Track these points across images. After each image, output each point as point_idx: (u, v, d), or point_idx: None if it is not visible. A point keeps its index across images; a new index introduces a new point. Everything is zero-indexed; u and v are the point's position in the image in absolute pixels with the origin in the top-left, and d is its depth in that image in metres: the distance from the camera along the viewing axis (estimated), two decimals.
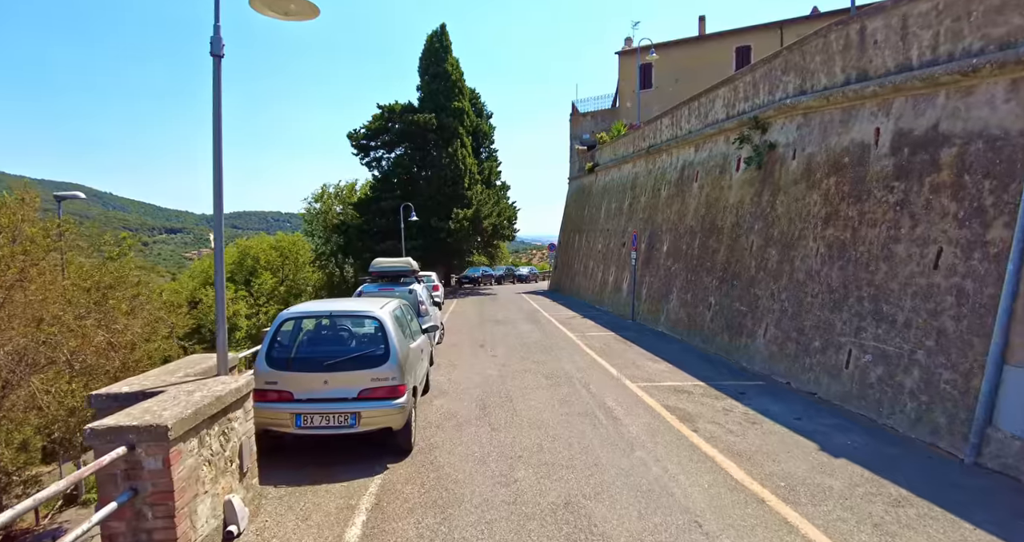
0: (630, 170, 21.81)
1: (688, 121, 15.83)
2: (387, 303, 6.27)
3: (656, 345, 12.63)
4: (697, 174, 14.72)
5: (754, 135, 11.63)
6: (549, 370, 9.97)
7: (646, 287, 16.96)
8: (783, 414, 7.28)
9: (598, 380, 9.21)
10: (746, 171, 11.86)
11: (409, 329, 6.79)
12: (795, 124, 10.24)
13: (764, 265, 10.47)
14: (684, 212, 15.11)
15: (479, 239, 35.42)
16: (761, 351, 9.94)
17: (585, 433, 6.48)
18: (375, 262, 11.05)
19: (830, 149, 9.02)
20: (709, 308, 12.41)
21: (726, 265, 12.03)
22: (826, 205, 8.87)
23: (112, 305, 14.12)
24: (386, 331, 5.64)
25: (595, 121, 38.76)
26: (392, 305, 6.31)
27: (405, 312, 6.98)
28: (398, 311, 6.66)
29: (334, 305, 6.02)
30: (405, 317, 6.83)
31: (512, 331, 15.19)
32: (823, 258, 8.70)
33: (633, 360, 10.89)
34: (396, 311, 6.43)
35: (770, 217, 10.60)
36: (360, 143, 33.81)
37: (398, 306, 6.64)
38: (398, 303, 6.75)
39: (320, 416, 5.43)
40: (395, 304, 6.50)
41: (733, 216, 12.17)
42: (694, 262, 13.78)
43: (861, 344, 7.50)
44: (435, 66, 33.07)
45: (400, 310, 6.75)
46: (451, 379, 9.32)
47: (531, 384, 8.90)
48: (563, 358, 11.13)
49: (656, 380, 9.24)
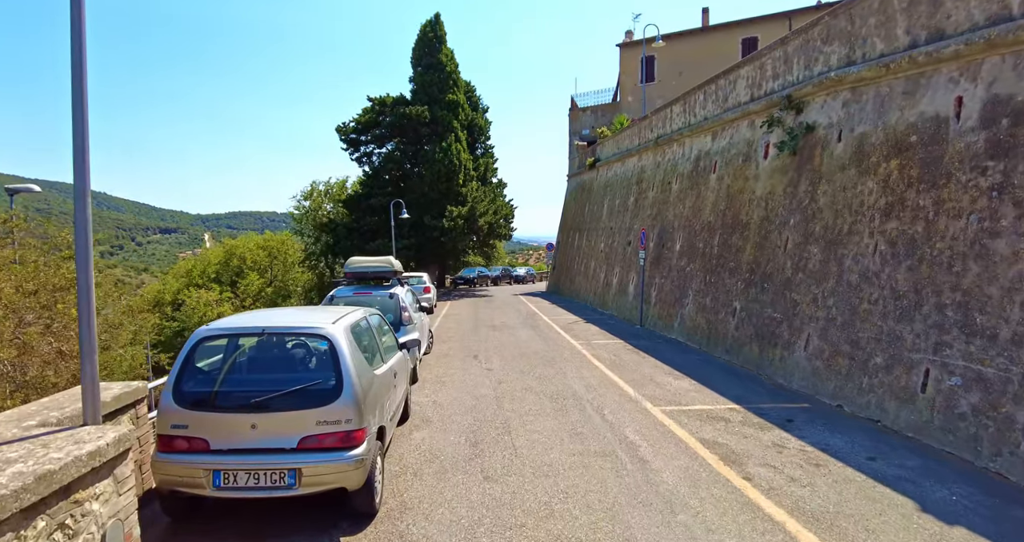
0: (635, 164, 20.34)
1: (704, 107, 14.37)
2: (346, 315, 4.75)
3: (673, 356, 11.14)
4: (715, 164, 13.25)
5: (786, 117, 10.17)
6: (554, 389, 8.47)
7: (656, 289, 15.49)
8: (850, 451, 5.81)
9: (613, 402, 7.72)
10: (777, 158, 10.39)
11: (378, 348, 5.28)
12: (840, 101, 8.78)
13: (803, 265, 9.00)
14: (700, 207, 13.64)
15: (474, 238, 33.90)
16: (802, 366, 8.47)
17: (607, 483, 4.98)
18: (349, 262, 9.52)
19: (890, 127, 7.56)
20: (733, 314, 10.94)
21: (754, 265, 10.57)
22: (886, 193, 7.40)
23: (60, 309, 12.55)
24: (339, 355, 4.13)
25: (595, 116, 37.34)
26: (351, 318, 4.79)
27: (373, 325, 5.45)
28: (363, 323, 5.16)
29: (271, 318, 4.51)
30: (372, 332, 5.31)
31: (509, 338, 13.69)
32: (884, 257, 7.24)
33: (650, 375, 9.40)
34: (358, 325, 4.92)
35: (809, 210, 9.13)
36: (350, 138, 32.25)
37: (361, 318, 5.12)
38: (362, 314, 5.23)
39: (247, 473, 3.92)
40: (356, 316, 4.97)
41: (761, 210, 10.70)
42: (713, 262, 12.31)
43: (944, 363, 6.03)
44: (428, 57, 31.56)
45: (366, 322, 5.24)
46: (437, 401, 7.81)
47: (533, 408, 7.40)
48: (568, 372, 9.64)
49: (682, 402, 7.75)
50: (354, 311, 5.09)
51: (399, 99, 31.87)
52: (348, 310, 5.08)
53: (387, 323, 6.25)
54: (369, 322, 5.33)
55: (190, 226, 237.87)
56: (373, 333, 5.28)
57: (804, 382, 8.35)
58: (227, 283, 40.12)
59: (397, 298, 8.87)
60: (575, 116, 37.92)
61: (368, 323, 5.29)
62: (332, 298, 8.91)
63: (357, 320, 4.94)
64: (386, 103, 31.57)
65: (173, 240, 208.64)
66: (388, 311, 8.77)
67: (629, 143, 21.40)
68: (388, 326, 6.25)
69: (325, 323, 4.31)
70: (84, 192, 3.24)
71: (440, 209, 30.23)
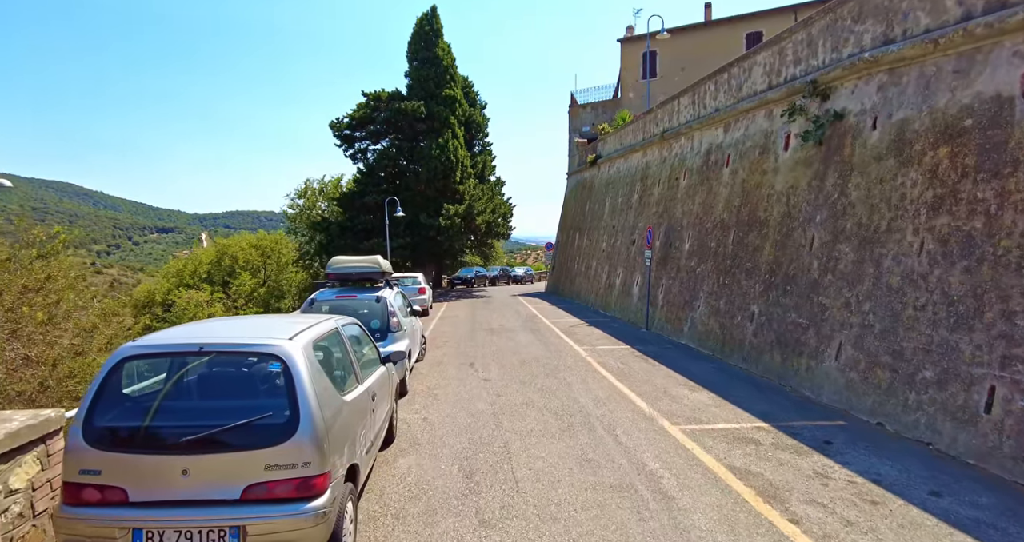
0: (639, 160, 19.51)
1: (715, 97, 13.53)
2: (309, 327, 3.87)
3: (685, 364, 10.30)
4: (728, 158, 12.42)
5: (810, 104, 9.34)
6: (559, 403, 7.62)
7: (663, 291, 14.65)
8: (907, 483, 4.97)
9: (625, 419, 6.87)
10: (800, 149, 9.56)
11: (353, 365, 4.40)
12: (874, 84, 7.95)
13: (832, 266, 8.17)
14: (711, 203, 12.81)
15: (472, 237, 32.99)
16: (833, 377, 7.64)
17: (628, 530, 4.13)
18: (332, 261, 8.64)
19: (937, 111, 6.72)
20: (751, 319, 10.10)
21: (774, 266, 9.73)
22: (934, 185, 6.57)
23: (26, 312, 11.67)
24: (295, 379, 3.27)
25: (595, 113, 36.54)
26: (317, 331, 3.91)
27: (348, 338, 4.57)
28: (333, 336, 4.29)
29: (214, 332, 3.65)
30: (346, 346, 4.43)
31: (508, 343, 12.84)
32: (932, 257, 6.41)
33: (663, 387, 8.56)
34: (326, 339, 4.07)
35: (839, 205, 8.30)
36: (343, 134, 31.34)
37: (331, 331, 4.24)
38: (333, 325, 4.35)
39: (176, 531, 3.06)
40: (323, 328, 4.08)
41: (782, 205, 9.87)
42: (727, 262, 11.48)
43: (1015, 380, 5.20)
44: (425, 51, 30.65)
45: (337, 334, 4.37)
46: (428, 418, 6.95)
47: (536, 428, 6.54)
48: (574, 383, 8.79)
49: (702, 419, 6.90)
50: (322, 321, 4.21)
51: (394, 94, 30.98)
52: (315, 320, 4.20)
53: (367, 333, 5.37)
54: (342, 334, 4.45)
55: (187, 226, 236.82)
56: (346, 347, 4.40)
57: (836, 395, 7.51)
58: (219, 283, 39.18)
59: (384, 302, 8.01)
60: (575, 113, 37.10)
61: (341, 335, 4.41)
62: (312, 302, 8.04)
63: (325, 333, 4.07)
64: (381, 98, 30.67)
65: (170, 240, 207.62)
66: (375, 316, 7.92)
67: (632, 138, 20.56)
68: (368, 337, 5.37)
69: (280, 338, 3.45)
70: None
71: (436, 207, 29.35)
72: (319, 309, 8.05)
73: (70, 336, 12.82)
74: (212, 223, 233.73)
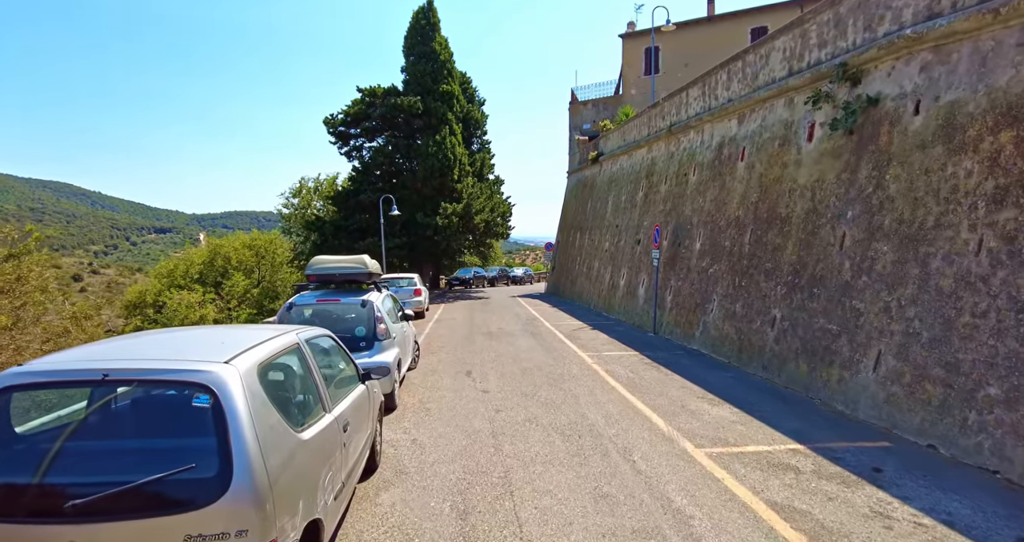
0: (644, 156, 18.72)
1: (727, 87, 12.73)
2: (257, 345, 3.01)
3: (700, 373, 9.50)
4: (743, 151, 11.62)
5: (839, 90, 8.55)
6: (565, 420, 6.80)
7: (671, 293, 13.85)
8: (987, 527, 4.17)
9: (642, 441, 6.06)
10: (827, 139, 8.77)
11: (318, 390, 3.56)
12: (916, 64, 7.15)
13: (867, 266, 7.37)
14: (725, 200, 12.01)
15: (470, 237, 32.17)
16: (871, 391, 6.84)
17: None
18: (313, 261, 7.81)
19: (997, 90, 5.93)
20: (772, 324, 9.30)
21: (798, 266, 8.94)
22: (995, 175, 5.77)
23: None
24: (229, 417, 2.45)
25: (596, 110, 35.74)
26: (265, 350, 3.04)
27: (313, 355, 3.71)
28: (293, 355, 3.46)
29: (128, 352, 2.84)
30: (310, 367, 3.58)
31: (508, 349, 12.03)
32: (995, 256, 5.61)
33: (679, 400, 7.75)
34: (281, 360, 3.24)
35: (875, 199, 7.50)
36: (338, 130, 30.51)
37: (288, 348, 3.39)
38: (292, 340, 3.50)
39: None
40: (276, 346, 3.22)
41: (806, 201, 9.07)
42: (744, 262, 10.68)
43: None
44: (421, 45, 29.85)
45: (298, 352, 3.52)
46: (417, 440, 6.13)
47: (541, 452, 5.73)
48: (581, 395, 7.98)
49: (730, 440, 6.10)
50: (278, 335, 3.38)
51: (390, 90, 30.15)
52: (271, 333, 3.37)
53: (342, 347, 4.53)
54: (305, 351, 3.60)
55: (185, 226, 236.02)
56: (310, 368, 3.56)
57: (875, 411, 6.71)
58: (211, 284, 38.29)
59: (371, 307, 7.18)
60: (575, 110, 36.30)
61: (304, 352, 3.57)
62: (291, 307, 7.21)
63: (280, 351, 3.23)
64: (377, 94, 29.84)
65: (168, 240, 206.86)
66: (360, 323, 7.10)
67: (637, 134, 19.77)
68: (342, 351, 4.53)
69: (212, 362, 2.62)
70: None
71: (434, 206, 28.54)
72: (298, 315, 7.24)
73: (39, 342, 12.00)
74: (211, 223, 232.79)
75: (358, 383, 4.53)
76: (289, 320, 7.15)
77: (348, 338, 7.01)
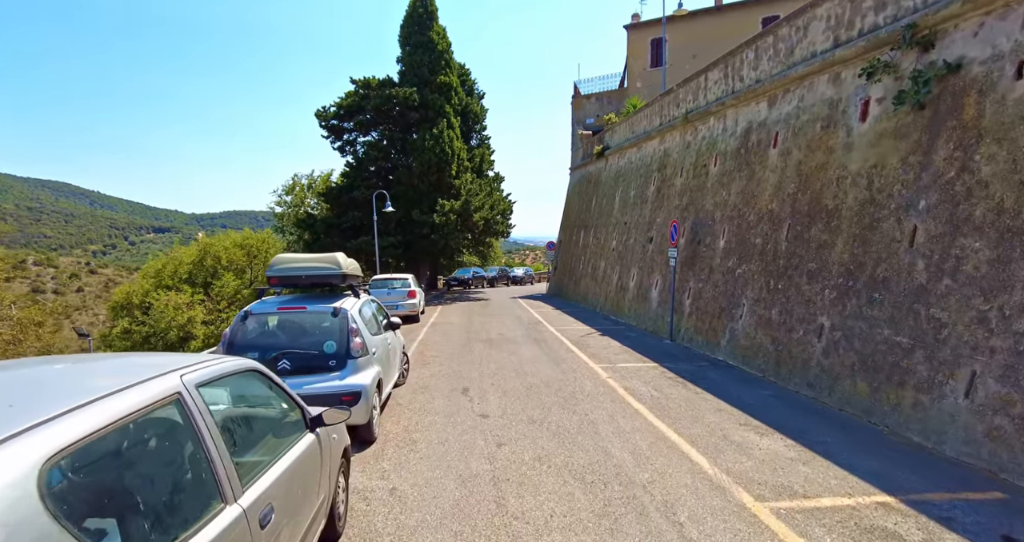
0: (656, 147, 17.38)
1: (755, 67, 11.39)
2: (61, 417, 1.63)
3: (733, 390, 8.17)
4: (776, 137, 10.29)
5: (903, 58, 7.22)
6: (585, 460, 5.46)
7: (691, 296, 12.51)
8: None
9: (686, 491, 4.72)
10: (888, 117, 7.43)
11: (212, 471, 2.19)
12: (1016, 19, 5.81)
13: (951, 267, 6.04)
14: (754, 192, 10.67)
15: (469, 236, 30.79)
16: (962, 422, 5.50)
17: None
18: (275, 260, 6.44)
19: None
20: (819, 334, 7.97)
21: (852, 267, 7.60)
22: None
23: None
24: None
25: (600, 103, 34.41)
26: (72, 429, 1.59)
27: (203, 416, 2.21)
28: (164, 417, 2.09)
29: None
30: (196, 435, 2.16)
31: (510, 359, 10.68)
32: None
33: (719, 428, 6.41)
34: (117, 438, 1.85)
35: (959, 185, 6.17)
36: (331, 124, 29.13)
37: (150, 407, 1.96)
38: (161, 392, 2.06)
39: None
40: (129, 403, 1.80)
41: (861, 190, 7.74)
42: (780, 262, 9.34)
43: None
44: (418, 34, 28.48)
45: (175, 409, 2.14)
46: (396, 489, 4.79)
47: (557, 509, 4.39)
48: (599, 422, 6.64)
49: (796, 489, 4.76)
50: (142, 381, 1.99)
51: (385, 81, 28.78)
52: (125, 381, 2.00)
53: (279, 385, 3.14)
54: (191, 408, 2.14)
55: (184, 225, 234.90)
56: (200, 434, 2.15)
57: (969, 448, 5.38)
58: (200, 284, 36.91)
59: (344, 316, 5.83)
60: (578, 104, 34.95)
61: (189, 410, 2.13)
62: (246, 316, 5.86)
63: (130, 414, 1.80)
64: (371, 85, 28.47)
65: (167, 239, 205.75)
66: (329, 336, 5.75)
67: (648, 124, 18.42)
68: (279, 389, 3.15)
69: None
70: None
71: (431, 203, 27.20)
72: (257, 326, 5.89)
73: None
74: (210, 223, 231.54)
75: (304, 432, 3.17)
76: (244, 333, 5.81)
77: (315, 356, 5.67)
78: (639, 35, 33.20)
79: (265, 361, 5.57)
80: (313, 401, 5.48)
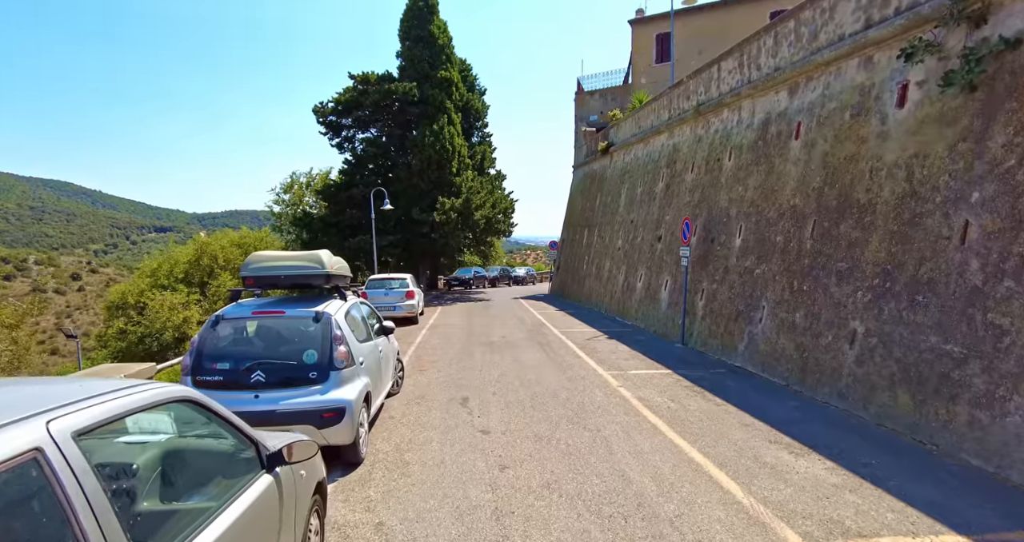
0: (664, 142, 16.69)
1: (774, 54, 10.70)
2: None
3: (757, 401, 7.48)
4: (798, 127, 9.60)
5: (950, 36, 6.53)
6: (600, 487, 4.78)
7: (704, 297, 11.83)
8: None
9: (720, 528, 4.03)
10: (932, 102, 6.74)
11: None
12: None
13: (1013, 267, 5.35)
14: (774, 186, 9.99)
15: (470, 235, 30.11)
16: None
17: None
18: (251, 259, 5.76)
19: None
20: (851, 340, 7.28)
21: (890, 266, 6.91)
22: None
23: None
24: None
25: (604, 100, 33.70)
26: None
27: (62, 488, 1.54)
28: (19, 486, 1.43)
29: None
30: (61, 511, 1.54)
31: (512, 365, 10.01)
32: None
33: (749, 447, 5.73)
34: None
35: (1019, 175, 5.48)
36: (328, 120, 28.47)
37: None
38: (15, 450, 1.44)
39: None
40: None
41: (899, 182, 7.05)
42: (805, 261, 8.66)
43: None
44: (418, 28, 27.81)
45: (38, 478, 1.48)
46: (383, 525, 4.11)
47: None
48: (613, 440, 5.96)
49: (850, 526, 4.07)
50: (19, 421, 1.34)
51: (384, 76, 28.12)
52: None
53: (227, 421, 2.46)
54: (60, 474, 1.47)
55: (186, 225, 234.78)
56: (66, 510, 1.51)
57: None
58: (197, 284, 36.25)
59: (327, 322, 5.15)
60: (582, 101, 34.25)
61: (57, 478, 1.43)
62: (217, 321, 5.19)
63: None
64: (370, 80, 27.79)
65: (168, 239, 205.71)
66: (310, 345, 5.07)
67: (655, 119, 17.73)
68: (228, 426, 2.46)
69: None
70: None
71: (431, 202, 26.53)
72: (232, 332, 5.22)
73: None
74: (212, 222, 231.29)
75: (258, 473, 2.50)
76: (214, 340, 5.14)
77: (293, 366, 5.00)
78: (644, 30, 32.48)
79: (237, 372, 4.91)
80: (291, 418, 4.83)
